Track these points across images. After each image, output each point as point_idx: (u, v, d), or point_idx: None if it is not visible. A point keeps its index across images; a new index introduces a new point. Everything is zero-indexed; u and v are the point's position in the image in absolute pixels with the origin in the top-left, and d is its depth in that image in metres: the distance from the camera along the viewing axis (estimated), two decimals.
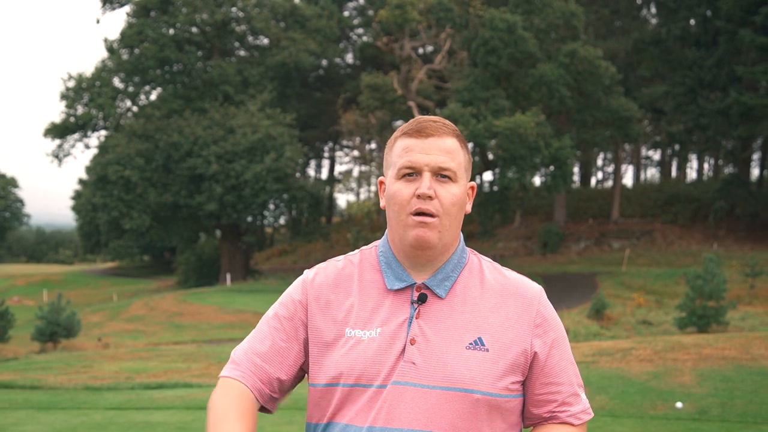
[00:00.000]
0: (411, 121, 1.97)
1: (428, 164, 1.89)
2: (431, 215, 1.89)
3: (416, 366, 1.86)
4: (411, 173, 1.91)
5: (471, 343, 1.88)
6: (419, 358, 1.87)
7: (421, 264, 1.95)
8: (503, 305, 1.94)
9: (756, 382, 9.45)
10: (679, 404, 8.69)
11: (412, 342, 1.88)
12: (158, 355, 19.07)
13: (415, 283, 1.94)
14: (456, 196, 1.91)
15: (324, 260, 2.14)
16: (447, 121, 1.97)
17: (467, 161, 1.97)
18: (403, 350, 1.88)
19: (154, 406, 10.16)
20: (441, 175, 1.90)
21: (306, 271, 2.07)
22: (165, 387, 12.54)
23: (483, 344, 1.88)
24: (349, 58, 60.39)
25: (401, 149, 1.93)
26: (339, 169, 71.54)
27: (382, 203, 2.01)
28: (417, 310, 1.92)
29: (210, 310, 30.97)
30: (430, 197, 1.88)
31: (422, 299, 1.92)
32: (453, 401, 1.84)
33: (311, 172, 69.15)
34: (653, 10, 50.45)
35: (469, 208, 2.00)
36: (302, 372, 2.02)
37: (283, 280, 40.46)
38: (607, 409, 8.71)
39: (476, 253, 2.06)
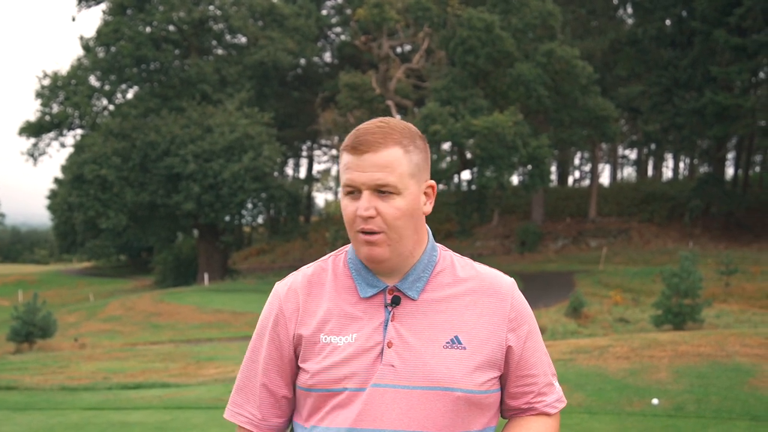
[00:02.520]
0: (353, 132, 1.90)
1: (365, 183, 1.84)
2: (375, 232, 1.86)
3: (395, 368, 1.86)
4: (352, 191, 1.87)
5: (448, 342, 1.88)
6: (397, 361, 1.86)
7: (386, 272, 1.93)
8: (477, 301, 1.93)
9: (731, 379, 9.54)
10: (655, 401, 8.75)
11: (390, 345, 1.87)
12: (135, 355, 18.98)
13: (386, 287, 1.93)
14: (400, 209, 1.85)
15: (302, 259, 2.13)
16: (392, 126, 1.89)
17: (416, 165, 1.89)
18: (381, 353, 1.87)
19: (132, 406, 10.11)
20: (380, 191, 1.85)
21: (276, 284, 2.05)
22: (142, 387, 12.47)
23: (460, 342, 1.88)
24: (327, 57, 60.30)
25: (343, 165, 1.89)
26: (317, 168, 71.41)
27: None
28: (391, 313, 1.90)
29: (187, 310, 30.79)
30: (370, 217, 1.84)
31: (395, 302, 1.91)
32: (434, 400, 1.85)
33: (289, 171, 69.06)
34: (629, 10, 50.80)
35: (428, 208, 1.94)
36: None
37: (261, 279, 40.31)
38: (584, 406, 8.77)
39: (447, 249, 2.03)
